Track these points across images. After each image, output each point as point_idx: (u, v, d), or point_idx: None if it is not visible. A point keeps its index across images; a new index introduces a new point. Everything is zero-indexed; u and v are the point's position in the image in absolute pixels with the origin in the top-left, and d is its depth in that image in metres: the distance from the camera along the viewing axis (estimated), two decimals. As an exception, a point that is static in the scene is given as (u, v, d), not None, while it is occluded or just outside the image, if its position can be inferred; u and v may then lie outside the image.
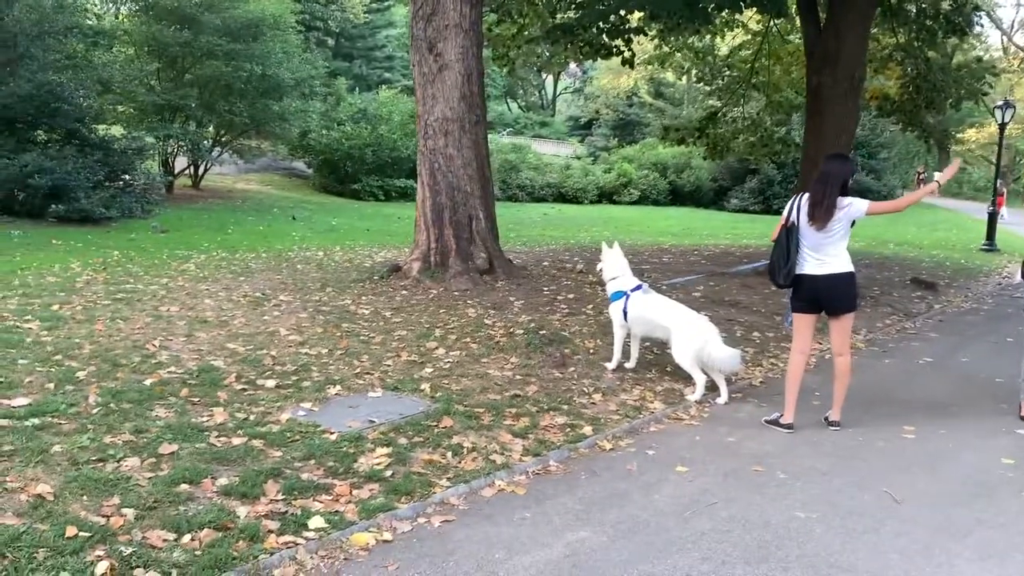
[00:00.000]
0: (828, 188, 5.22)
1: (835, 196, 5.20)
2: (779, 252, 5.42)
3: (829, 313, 5.46)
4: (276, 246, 14.49)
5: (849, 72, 10.83)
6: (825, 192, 5.22)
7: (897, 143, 36.24)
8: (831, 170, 5.31)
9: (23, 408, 4.71)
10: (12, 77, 15.61)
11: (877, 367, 7.57)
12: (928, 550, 3.70)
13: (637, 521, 3.93)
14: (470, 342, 7.02)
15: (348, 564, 3.40)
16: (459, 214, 9.70)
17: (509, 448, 4.75)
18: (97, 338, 6.52)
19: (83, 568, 3.10)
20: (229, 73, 21.06)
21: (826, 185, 5.24)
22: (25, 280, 9.07)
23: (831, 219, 5.19)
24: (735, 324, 8.61)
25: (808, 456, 4.95)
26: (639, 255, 14.74)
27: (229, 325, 7.32)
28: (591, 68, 52.01)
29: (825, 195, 5.21)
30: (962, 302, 11.98)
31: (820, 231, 5.23)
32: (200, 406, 5.05)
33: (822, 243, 5.27)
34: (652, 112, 44.21)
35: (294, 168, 30.35)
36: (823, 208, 5.20)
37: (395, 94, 31.58)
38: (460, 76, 9.51)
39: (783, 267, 5.38)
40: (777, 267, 5.44)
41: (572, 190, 34.06)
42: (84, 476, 3.86)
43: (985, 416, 5.97)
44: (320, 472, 4.20)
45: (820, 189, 5.27)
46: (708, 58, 17.56)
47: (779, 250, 5.42)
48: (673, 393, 6.16)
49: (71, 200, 14.98)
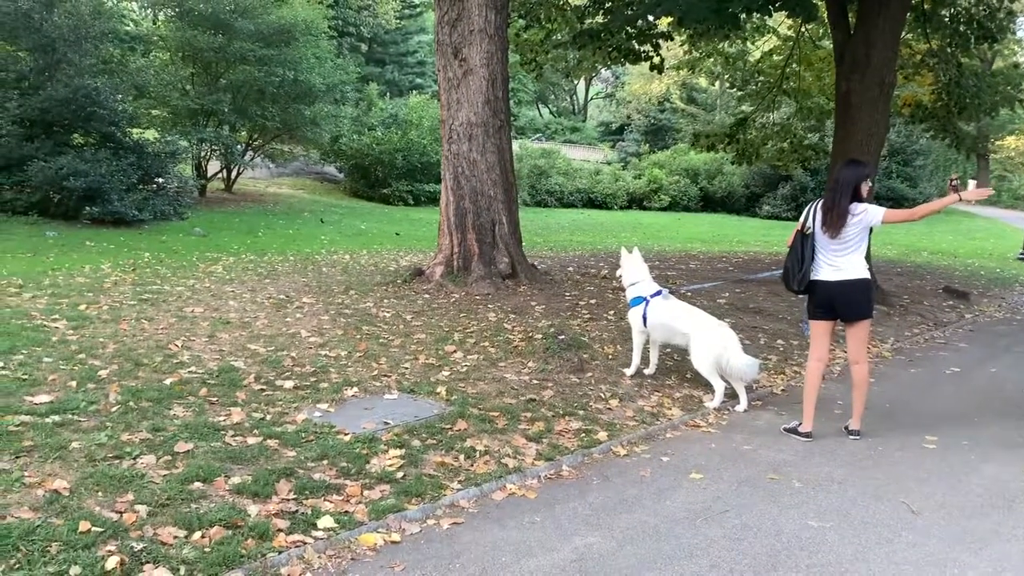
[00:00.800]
0: (838, 195, 5.18)
1: (846, 202, 5.15)
2: (793, 258, 5.43)
3: (844, 320, 5.42)
4: (304, 249, 14.63)
5: (879, 78, 10.68)
6: (835, 199, 5.19)
7: (933, 150, 35.68)
8: (843, 176, 5.26)
9: (45, 405, 4.80)
10: (50, 81, 15.95)
11: (902, 376, 7.46)
12: (942, 562, 3.63)
13: (647, 527, 3.91)
14: (488, 346, 7.03)
15: (355, 564, 3.42)
16: (482, 219, 9.73)
17: (522, 452, 4.75)
18: (121, 338, 6.63)
19: (94, 563, 3.15)
20: (262, 78, 21.32)
21: (836, 192, 5.21)
22: (55, 280, 9.26)
23: (844, 226, 5.14)
24: (759, 331, 8.54)
25: (825, 465, 4.89)
26: (666, 261, 14.68)
27: (251, 326, 7.40)
28: (623, 73, 51.90)
29: (836, 202, 5.18)
30: (995, 312, 11.77)
31: (834, 238, 5.20)
32: (218, 406, 5.10)
33: (837, 249, 5.24)
34: (684, 118, 43.94)
35: (326, 172, 30.62)
36: (835, 214, 5.17)
37: (426, 99, 31.69)
38: (485, 81, 9.54)
39: (797, 273, 5.38)
40: (791, 273, 5.43)
41: (602, 196, 33.96)
42: (100, 472, 3.92)
43: (1010, 428, 5.85)
44: (332, 472, 4.23)
45: (831, 196, 5.25)
46: (739, 63, 17.43)
47: (793, 256, 5.43)
48: (692, 400, 6.12)
49: (105, 202, 15.25)
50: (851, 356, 5.51)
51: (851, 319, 5.38)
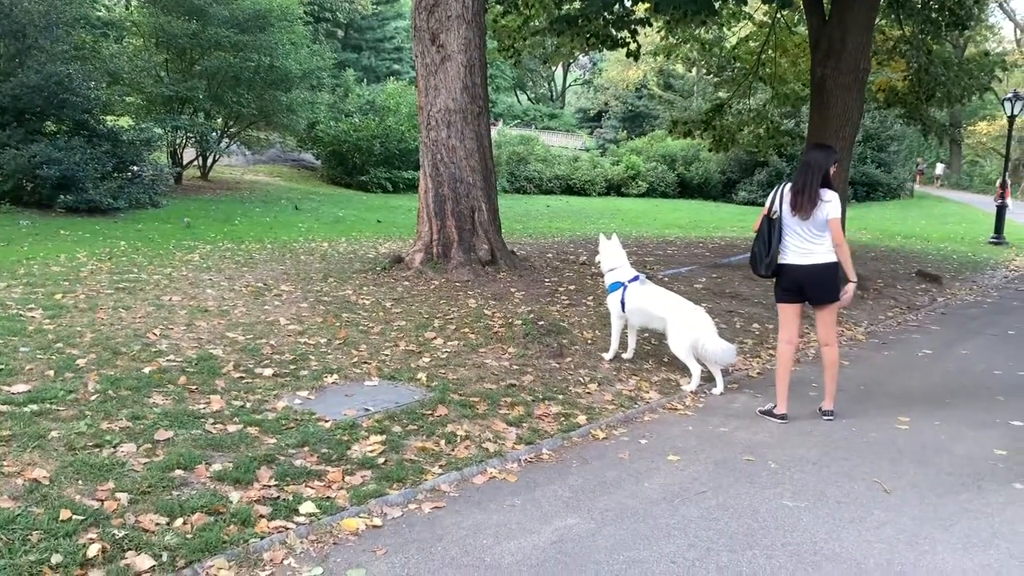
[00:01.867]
0: (809, 177, 5.20)
1: (817, 185, 5.19)
2: (760, 243, 5.46)
3: (813, 304, 5.50)
4: (282, 237, 14.56)
5: (854, 64, 10.76)
6: (807, 181, 5.21)
7: (907, 136, 36.01)
8: (813, 159, 5.28)
9: (22, 394, 4.77)
10: (21, 68, 15.72)
11: (875, 359, 7.58)
12: (913, 538, 3.72)
13: (626, 508, 3.97)
14: (469, 332, 7.06)
15: (337, 548, 3.45)
16: (461, 205, 9.73)
17: (502, 436, 4.80)
18: (98, 327, 6.59)
19: (75, 550, 3.15)
20: (237, 64, 21.13)
21: (807, 175, 5.22)
22: (31, 269, 9.17)
23: (814, 208, 5.18)
24: (735, 315, 8.63)
25: (800, 446, 4.98)
26: (644, 247, 14.75)
27: (230, 314, 7.37)
28: (601, 60, 51.89)
29: (807, 184, 5.20)
30: (966, 295, 11.95)
31: (804, 220, 5.23)
32: (197, 394, 5.10)
33: (806, 234, 5.27)
34: (661, 104, 44.05)
35: (302, 160, 30.42)
36: (805, 197, 5.20)
37: (403, 86, 31.55)
38: (463, 67, 9.52)
39: (764, 258, 5.42)
40: (759, 257, 5.47)
41: (580, 182, 34.01)
42: (80, 461, 3.92)
43: (980, 408, 5.98)
44: (313, 459, 4.25)
45: (801, 179, 5.25)
46: (715, 50, 17.48)
47: (760, 241, 5.46)
48: (669, 383, 6.19)
49: (79, 191, 15.08)
50: (821, 339, 5.59)
51: (820, 303, 5.45)
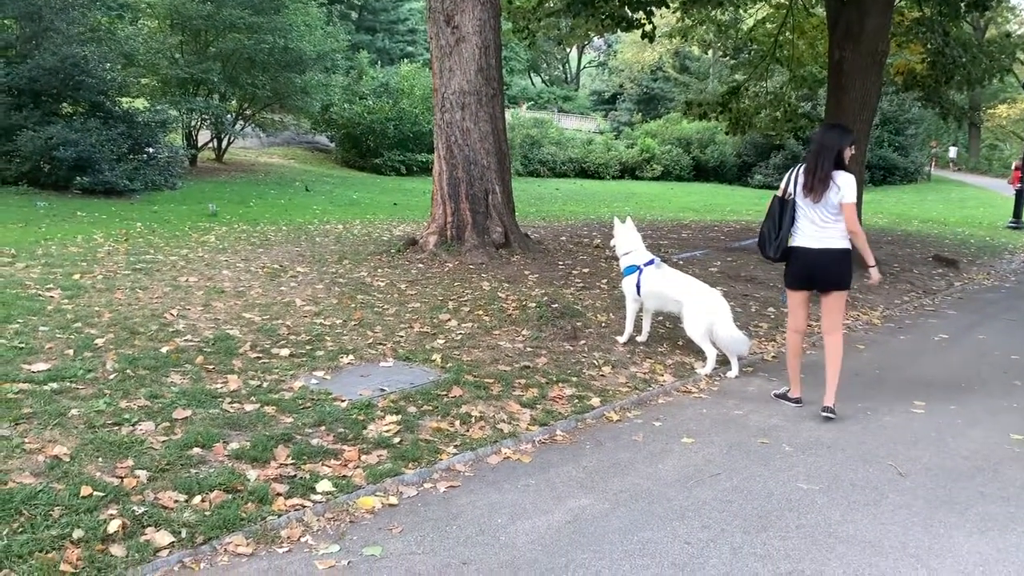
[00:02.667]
0: (822, 159, 5.01)
1: (830, 166, 5.00)
2: (769, 224, 5.26)
3: (820, 290, 5.28)
4: (296, 219, 14.61)
5: (872, 46, 10.65)
6: (819, 163, 5.03)
7: (925, 119, 35.63)
8: (827, 140, 5.11)
9: (43, 373, 4.83)
10: (37, 50, 15.79)
11: (892, 343, 7.55)
12: (928, 522, 3.72)
13: (639, 490, 3.98)
14: (483, 315, 7.07)
15: (353, 527, 3.48)
16: (475, 188, 9.73)
17: (517, 418, 4.82)
18: (116, 307, 6.65)
19: (96, 526, 3.20)
20: (251, 46, 21.14)
21: (819, 156, 5.03)
22: (48, 250, 9.24)
23: (826, 190, 5.00)
24: (750, 299, 8.60)
25: (815, 429, 4.97)
26: (658, 230, 14.72)
27: (246, 295, 7.42)
28: (616, 42, 51.54)
29: (819, 165, 5.02)
30: (983, 279, 11.87)
31: (817, 203, 5.05)
32: (215, 373, 5.14)
33: (818, 216, 5.08)
34: (677, 87, 43.76)
35: (317, 142, 30.46)
36: (816, 178, 5.02)
37: (417, 68, 31.46)
38: (477, 49, 9.49)
39: (774, 239, 5.23)
40: (767, 239, 5.28)
41: (594, 165, 33.89)
42: (99, 439, 3.97)
43: (997, 393, 5.95)
44: (330, 438, 4.28)
45: (814, 160, 5.08)
46: (731, 31, 17.33)
47: (770, 222, 5.26)
48: (683, 367, 6.19)
49: (95, 172, 15.18)
50: (824, 327, 5.34)
51: (826, 289, 5.23)
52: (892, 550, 3.44)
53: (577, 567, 3.21)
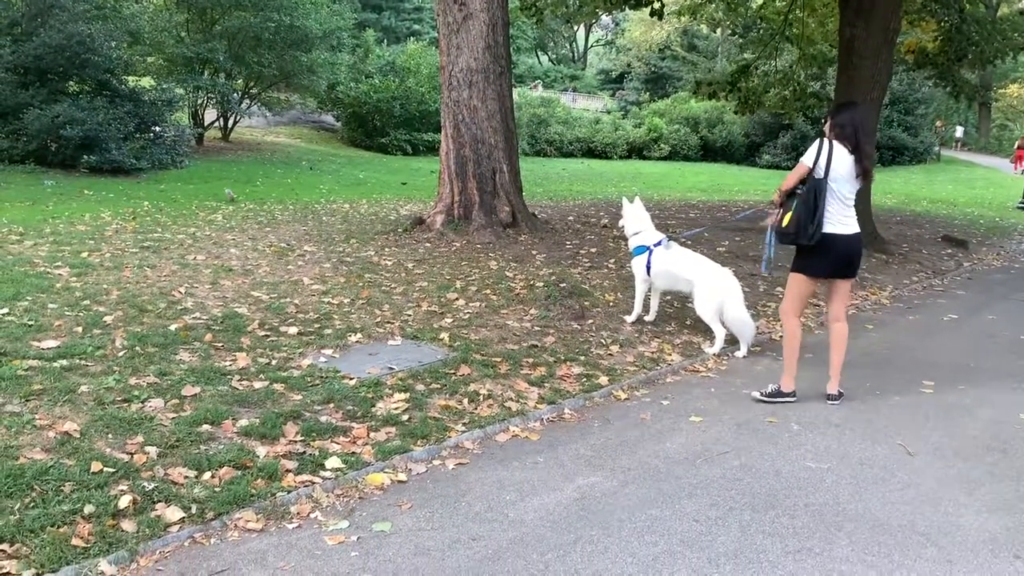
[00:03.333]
0: (871, 140, 4.97)
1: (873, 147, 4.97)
2: (805, 208, 4.79)
3: (843, 277, 5.04)
4: (303, 198, 14.59)
5: (883, 24, 10.53)
6: (869, 145, 4.88)
7: (935, 99, 35.29)
8: (864, 122, 4.95)
9: (52, 350, 4.85)
10: (43, 27, 15.73)
11: (900, 323, 7.52)
12: (937, 501, 3.71)
13: (648, 468, 3.98)
14: (490, 294, 7.06)
15: (363, 503, 3.50)
16: (483, 167, 9.68)
17: (525, 396, 4.82)
18: (124, 285, 6.66)
19: (107, 501, 3.22)
20: (257, 24, 21.00)
21: (869, 137, 4.96)
22: (56, 228, 9.25)
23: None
24: (759, 279, 8.57)
25: (823, 409, 4.96)
26: (666, 210, 14.65)
27: (254, 274, 7.42)
28: (623, 20, 51.13)
29: (869, 148, 4.86)
30: (993, 260, 11.80)
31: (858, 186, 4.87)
32: (223, 351, 5.15)
33: (849, 199, 4.87)
34: (685, 66, 43.42)
35: (323, 121, 30.35)
36: (869, 162, 4.82)
37: (423, 46, 31.29)
38: (485, 26, 9.42)
39: (811, 223, 4.77)
40: (803, 224, 4.79)
41: (601, 145, 33.72)
42: (109, 415, 3.98)
43: (1006, 373, 5.92)
44: (338, 415, 4.29)
45: (867, 141, 4.84)
46: (740, 9, 17.15)
47: (804, 206, 4.80)
48: (691, 346, 6.17)
49: (102, 151, 15.16)
50: (834, 313, 5.16)
51: (849, 276, 5.07)
52: (900, 529, 3.43)
53: (586, 544, 3.22)
